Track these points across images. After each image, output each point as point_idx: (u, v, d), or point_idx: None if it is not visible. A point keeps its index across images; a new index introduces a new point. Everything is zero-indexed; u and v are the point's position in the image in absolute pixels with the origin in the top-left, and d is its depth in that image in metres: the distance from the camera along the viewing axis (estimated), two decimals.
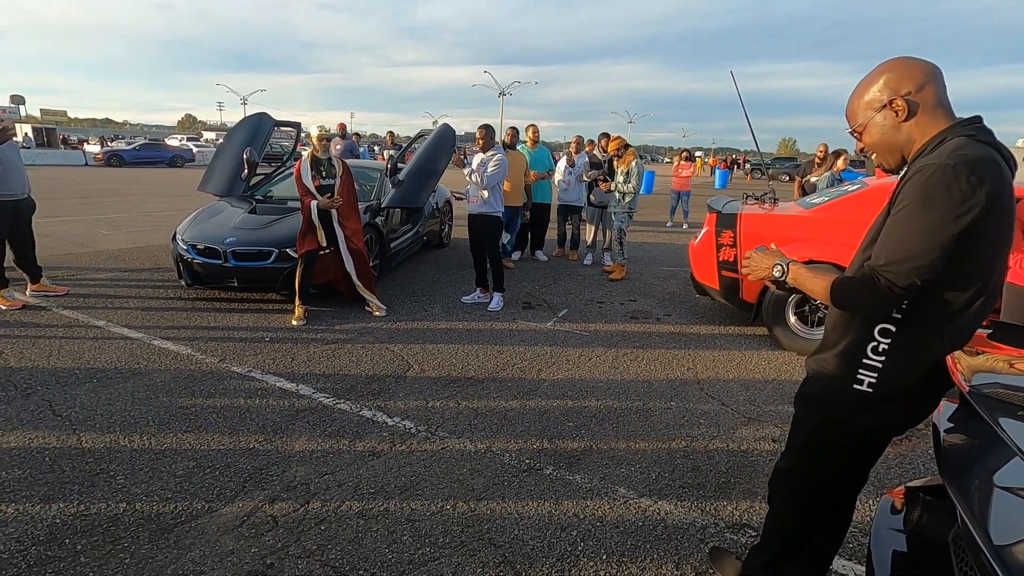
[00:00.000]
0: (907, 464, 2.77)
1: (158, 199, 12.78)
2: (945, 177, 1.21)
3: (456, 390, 3.41)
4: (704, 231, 4.83)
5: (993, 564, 0.99)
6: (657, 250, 8.58)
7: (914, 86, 1.33)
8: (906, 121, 1.34)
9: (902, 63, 1.36)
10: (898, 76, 1.34)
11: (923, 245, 1.23)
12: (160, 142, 32.09)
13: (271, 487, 2.39)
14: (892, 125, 1.36)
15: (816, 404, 1.53)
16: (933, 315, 1.32)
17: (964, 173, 1.19)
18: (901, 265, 1.25)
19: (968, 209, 1.20)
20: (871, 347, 1.38)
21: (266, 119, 6.37)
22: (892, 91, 1.34)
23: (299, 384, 3.39)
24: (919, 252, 1.23)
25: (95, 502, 2.23)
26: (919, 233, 1.24)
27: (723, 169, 27.30)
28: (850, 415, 1.44)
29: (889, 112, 1.35)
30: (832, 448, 1.54)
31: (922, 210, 1.24)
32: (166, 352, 3.78)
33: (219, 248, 4.72)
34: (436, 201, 7.62)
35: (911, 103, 1.33)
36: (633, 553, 2.09)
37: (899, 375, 1.37)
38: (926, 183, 1.23)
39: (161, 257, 6.47)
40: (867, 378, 1.39)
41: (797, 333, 4.29)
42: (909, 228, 1.25)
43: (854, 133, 1.45)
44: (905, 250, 1.25)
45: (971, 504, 1.13)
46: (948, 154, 1.23)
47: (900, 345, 1.35)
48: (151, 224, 9.00)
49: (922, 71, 1.33)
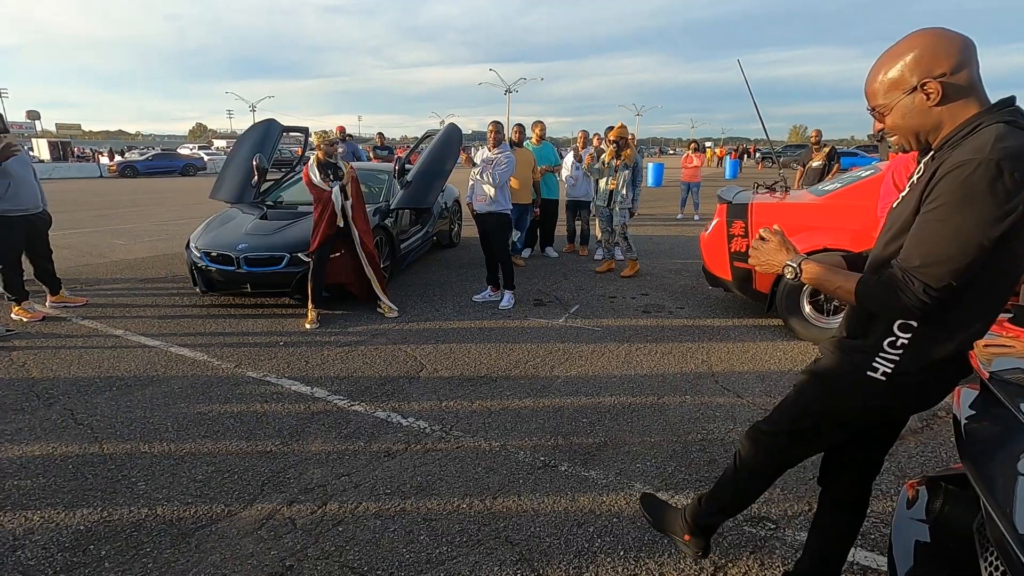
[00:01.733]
0: (929, 453, 2.73)
1: (171, 208, 12.96)
2: (988, 175, 1.11)
3: (469, 389, 3.42)
4: (715, 222, 4.78)
5: (1019, 553, 0.97)
6: (668, 243, 8.52)
7: (949, 66, 1.19)
8: (938, 106, 1.21)
9: (936, 38, 1.21)
10: (932, 55, 1.19)
11: (961, 247, 1.15)
12: (173, 151, 32.54)
13: (289, 490, 2.41)
14: (921, 109, 1.23)
15: (824, 383, 1.49)
16: (960, 311, 1.26)
17: (1008, 170, 1.10)
18: (938, 268, 1.17)
19: (1012, 210, 1.11)
20: (888, 342, 1.33)
21: (274, 125, 6.42)
22: (924, 72, 1.20)
23: (314, 387, 3.42)
24: (956, 255, 1.15)
25: (118, 508, 2.27)
26: (957, 235, 1.15)
27: (733, 159, 27.03)
28: (859, 401, 1.41)
29: (919, 95, 1.22)
30: (826, 426, 1.51)
31: (961, 210, 1.14)
32: (183, 359, 3.83)
33: (232, 255, 4.77)
34: (445, 201, 7.64)
35: (946, 86, 1.19)
36: (651, 548, 2.08)
37: (917, 366, 1.32)
38: (966, 181, 1.13)
39: (176, 265, 6.56)
40: (882, 367, 1.34)
41: (813, 323, 4.23)
42: (945, 229, 1.16)
43: (874, 112, 1.32)
44: (942, 252, 1.17)
45: (994, 492, 1.10)
46: (990, 147, 1.12)
47: (921, 340, 1.29)
48: (165, 233, 9.12)
49: (959, 48, 1.19)
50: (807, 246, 4.17)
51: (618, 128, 6.24)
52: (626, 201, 6.18)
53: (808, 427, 1.54)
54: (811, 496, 2.38)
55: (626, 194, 6.13)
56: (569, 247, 7.72)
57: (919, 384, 1.35)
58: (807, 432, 1.55)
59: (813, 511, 2.27)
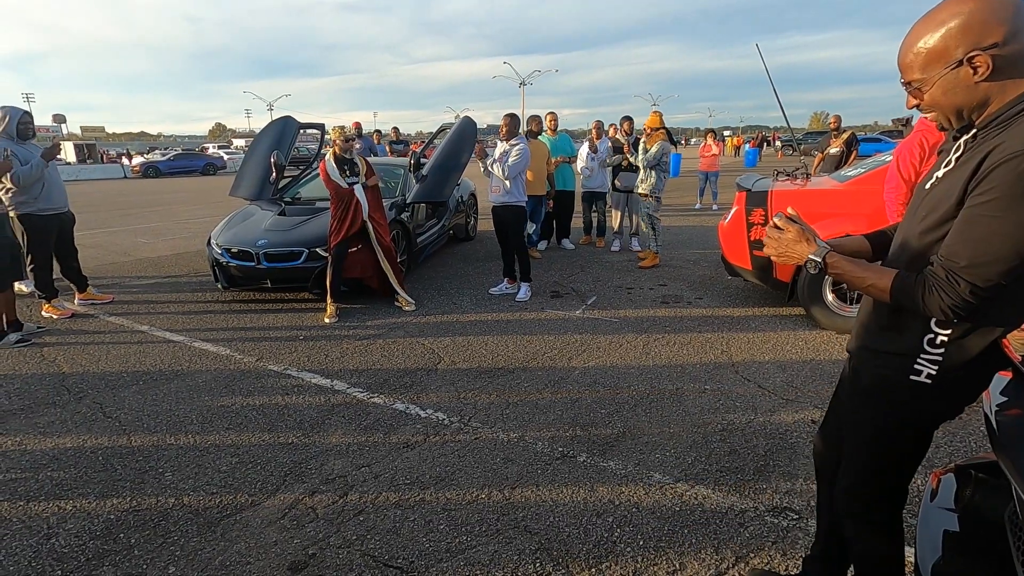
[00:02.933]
0: (957, 443, 2.66)
1: (193, 206, 13.20)
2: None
3: (487, 381, 3.43)
4: (734, 210, 4.71)
5: None
6: (686, 233, 8.42)
7: (1002, 35, 1.04)
8: (986, 81, 1.07)
9: (985, 1, 1.04)
10: (982, 22, 1.04)
11: (1015, 247, 1.05)
12: (193, 151, 33.10)
13: (311, 480, 2.44)
14: (967, 85, 1.09)
15: (875, 399, 1.39)
16: (1004, 306, 1.18)
17: None
18: (987, 268, 1.07)
19: None
20: (927, 339, 1.24)
21: (291, 122, 6.48)
22: (972, 43, 1.05)
23: (334, 380, 3.46)
24: (1010, 254, 1.05)
25: (146, 498, 2.33)
26: (1012, 233, 1.04)
27: (752, 147, 26.57)
28: (913, 406, 1.32)
29: (965, 69, 1.07)
30: (901, 442, 1.39)
31: (1017, 207, 1.03)
32: (206, 353, 3.90)
33: (252, 251, 4.84)
34: (461, 194, 7.65)
35: (997, 59, 1.05)
36: (671, 538, 2.07)
37: (960, 363, 1.24)
38: (1018, 174, 1.01)
39: (198, 262, 6.68)
40: (926, 369, 1.26)
41: (836, 311, 4.15)
42: (999, 227, 1.05)
43: (909, 87, 1.17)
44: (994, 251, 1.06)
45: None
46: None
47: (962, 335, 1.22)
48: (187, 231, 9.29)
49: (1013, 12, 1.04)
50: (829, 233, 4.06)
51: (653, 115, 6.28)
52: (647, 187, 6.13)
53: (889, 452, 1.41)
54: None
55: (654, 183, 6.09)
56: (586, 239, 7.68)
57: (965, 380, 1.27)
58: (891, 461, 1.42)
59: None
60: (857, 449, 1.50)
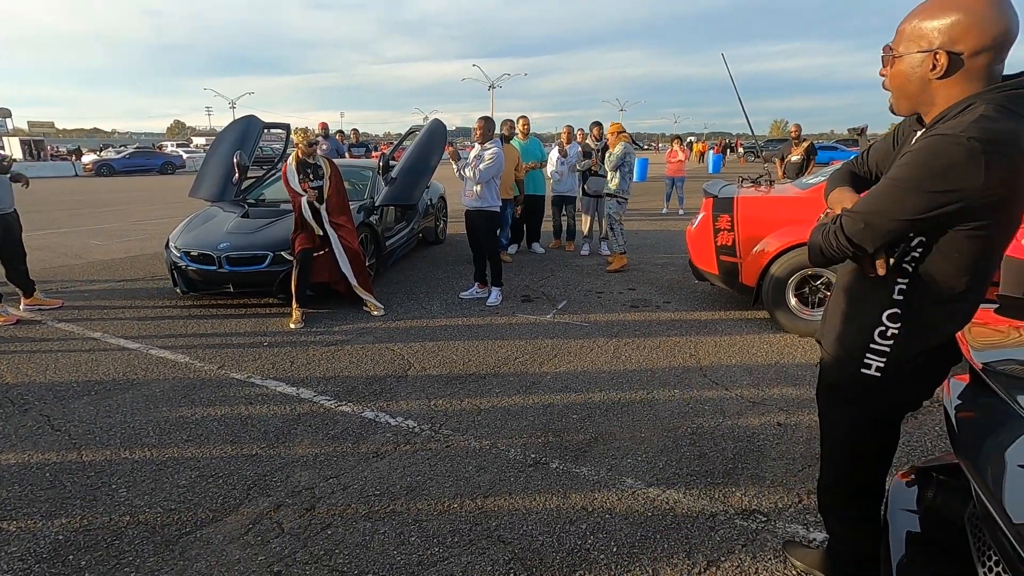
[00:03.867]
0: (915, 443, 2.76)
1: (150, 207, 12.71)
2: (952, 150, 1.09)
3: (458, 387, 3.39)
4: (701, 216, 4.79)
5: (1013, 542, 0.97)
6: (654, 237, 8.55)
7: (972, 47, 1.11)
8: (939, 79, 1.16)
9: (983, 10, 1.10)
10: (966, 27, 1.11)
11: (890, 207, 1.16)
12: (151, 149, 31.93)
13: (276, 493, 2.36)
14: (922, 76, 1.18)
15: (836, 396, 1.48)
16: (937, 298, 1.27)
17: (977, 150, 1.06)
18: (859, 216, 1.21)
19: (961, 188, 1.10)
20: (879, 332, 1.33)
21: (255, 122, 6.31)
22: (947, 40, 1.12)
23: (300, 388, 3.36)
24: (883, 211, 1.18)
25: (98, 516, 2.21)
26: (896, 196, 1.16)
27: (717, 153, 27.23)
28: (869, 400, 1.41)
29: (930, 60, 1.15)
30: (868, 436, 1.48)
31: (911, 174, 1.14)
32: (164, 361, 3.74)
33: (213, 254, 4.68)
34: (430, 197, 7.58)
35: (953, 63, 1.13)
36: (643, 544, 2.08)
37: (907, 357, 1.33)
38: (930, 148, 1.12)
39: (155, 266, 6.42)
40: (875, 362, 1.35)
41: (798, 315, 4.27)
42: (888, 188, 1.18)
43: (888, 53, 1.25)
44: (873, 205, 1.20)
45: (988, 482, 1.10)
46: (967, 125, 1.09)
47: (908, 328, 1.31)
48: (144, 233, 8.93)
49: (997, 32, 1.10)
50: (792, 239, 4.21)
51: (613, 125, 6.39)
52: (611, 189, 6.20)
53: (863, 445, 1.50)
54: (801, 488, 2.39)
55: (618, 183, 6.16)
56: (556, 243, 7.71)
57: (915, 374, 1.35)
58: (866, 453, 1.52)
59: (803, 503, 2.30)
60: (831, 447, 1.58)
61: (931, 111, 1.21)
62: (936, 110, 1.20)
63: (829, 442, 1.58)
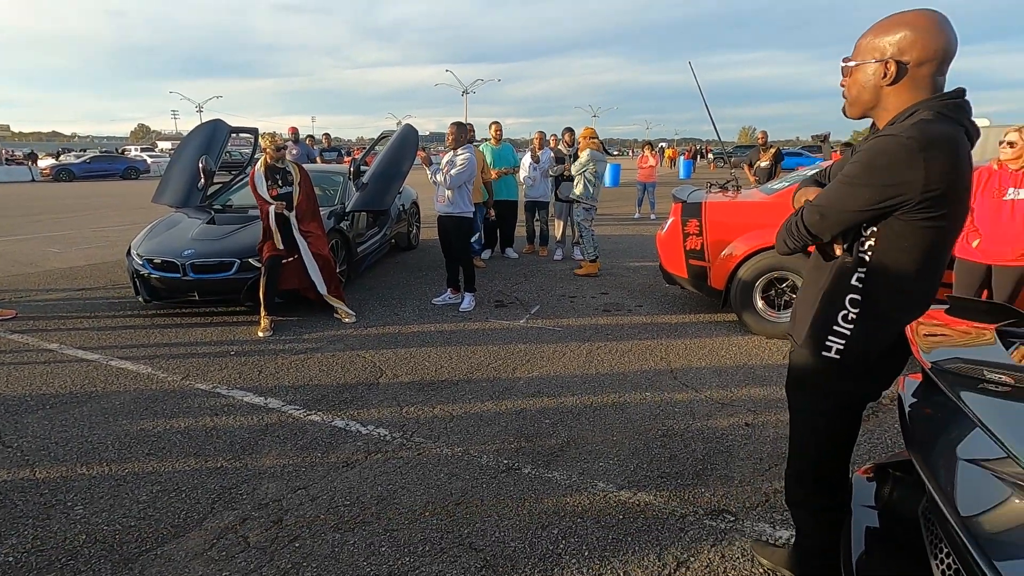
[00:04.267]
0: (875, 440, 2.85)
1: (112, 213, 12.31)
2: (894, 147, 1.23)
3: (430, 394, 3.36)
4: (670, 221, 4.87)
5: (960, 535, 1.01)
6: (626, 242, 8.65)
7: (916, 58, 1.26)
8: (888, 86, 1.31)
9: (927, 29, 1.25)
10: (912, 40, 1.26)
11: (843, 200, 1.32)
12: (114, 153, 30.98)
13: (241, 506, 2.30)
14: (874, 84, 1.33)
15: (800, 383, 1.57)
16: (891, 286, 1.37)
17: (915, 149, 1.20)
18: (817, 208, 1.37)
19: (902, 182, 1.23)
20: (841, 315, 1.43)
21: (221, 126, 6.19)
22: (896, 51, 1.27)
23: (267, 397, 3.29)
24: (836, 204, 1.33)
25: (52, 535, 2.12)
26: (847, 190, 1.31)
27: (687, 159, 27.75)
28: (830, 385, 1.49)
29: (880, 69, 1.30)
30: (832, 424, 1.56)
31: (861, 171, 1.29)
32: (125, 372, 3.62)
33: (177, 261, 4.56)
34: (402, 203, 7.53)
35: (901, 71, 1.28)
36: (615, 547, 2.09)
37: (865, 342, 1.42)
38: (876, 148, 1.27)
39: (116, 274, 6.22)
40: (835, 344, 1.44)
41: (765, 317, 4.36)
42: (842, 183, 1.33)
43: (846, 64, 1.39)
44: (828, 198, 1.36)
45: (938, 477, 1.15)
46: (909, 127, 1.23)
47: (866, 313, 1.40)
48: (105, 240, 8.65)
49: (938, 47, 1.26)
50: (759, 243, 4.31)
51: (584, 130, 6.48)
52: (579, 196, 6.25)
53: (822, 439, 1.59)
54: (768, 486, 2.44)
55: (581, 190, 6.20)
56: (529, 248, 7.74)
57: (872, 361, 1.44)
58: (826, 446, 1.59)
59: (770, 502, 2.34)
60: (798, 436, 1.66)
61: (883, 116, 1.36)
62: (887, 115, 1.34)
63: (796, 432, 1.66)
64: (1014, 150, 3.25)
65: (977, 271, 3.48)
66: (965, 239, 3.45)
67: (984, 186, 3.39)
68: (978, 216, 3.42)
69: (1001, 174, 3.35)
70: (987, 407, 1.07)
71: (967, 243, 3.45)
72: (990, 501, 1.04)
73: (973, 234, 3.43)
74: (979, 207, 3.41)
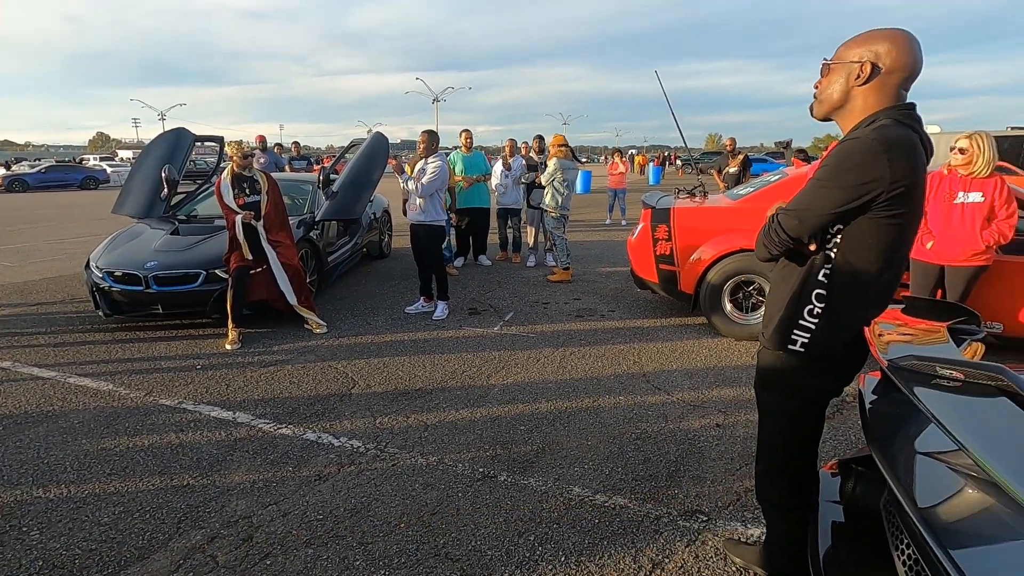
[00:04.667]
0: (840, 437, 2.93)
1: (70, 225, 11.87)
2: (860, 149, 1.33)
3: (404, 403, 3.33)
4: (640, 227, 4.95)
5: (918, 526, 1.05)
6: (598, 248, 8.74)
7: (890, 66, 1.37)
8: (859, 86, 1.40)
9: (904, 45, 1.37)
10: (888, 50, 1.37)
11: (817, 202, 1.39)
12: (71, 163, 29.92)
13: (209, 524, 2.24)
14: (847, 86, 1.42)
15: (767, 380, 1.62)
16: (854, 282, 1.44)
17: (878, 149, 1.30)
18: (792, 213, 1.44)
19: (871, 180, 1.32)
20: (807, 310, 1.49)
21: (185, 134, 6.03)
22: (873, 56, 1.38)
23: (236, 412, 3.21)
24: (811, 207, 1.41)
25: (4, 563, 2.02)
26: (820, 192, 1.39)
27: (656, 165, 28.22)
28: (795, 380, 1.54)
29: (856, 69, 1.40)
30: (797, 419, 1.61)
31: (831, 174, 1.38)
32: (84, 390, 3.49)
33: (139, 273, 4.42)
34: (374, 211, 7.46)
35: (874, 73, 1.38)
36: (591, 551, 2.10)
37: (829, 336, 1.48)
38: (842, 151, 1.37)
39: (75, 288, 5.99)
40: (800, 338, 1.50)
41: (733, 320, 4.46)
42: (814, 186, 1.42)
43: (826, 65, 1.49)
44: (803, 202, 1.44)
45: (896, 470, 1.19)
46: (871, 131, 1.34)
47: (830, 308, 1.47)
48: (63, 252, 8.33)
49: (908, 63, 1.38)
50: (726, 247, 4.41)
51: (554, 137, 6.50)
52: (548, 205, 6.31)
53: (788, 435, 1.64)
54: (739, 485, 2.49)
55: (549, 200, 6.26)
56: (502, 255, 7.75)
57: (834, 357, 1.50)
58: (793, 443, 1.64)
59: (742, 500, 2.39)
60: (766, 432, 1.71)
61: (846, 119, 1.46)
62: (851, 117, 1.45)
63: (764, 429, 1.71)
64: (964, 156, 3.42)
65: (931, 272, 3.63)
66: (920, 241, 3.59)
67: (936, 190, 3.54)
68: (931, 219, 3.57)
69: (952, 179, 3.51)
70: (939, 401, 1.11)
71: (921, 245, 3.60)
72: (946, 492, 1.08)
73: (927, 236, 3.58)
74: (932, 210, 3.56)
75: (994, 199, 3.40)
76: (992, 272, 3.57)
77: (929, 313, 1.67)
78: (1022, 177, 15.86)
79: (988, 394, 1.12)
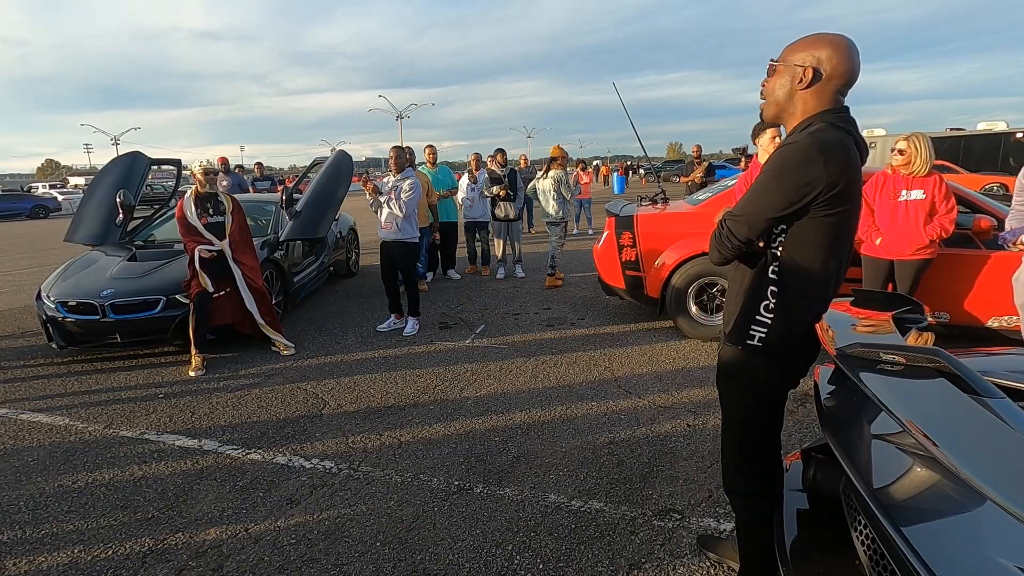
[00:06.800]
0: (805, 429, 3.02)
1: (17, 255, 11.37)
2: (797, 153, 1.41)
3: (377, 421, 3.29)
4: (606, 235, 5.04)
5: (871, 505, 1.10)
6: (565, 257, 8.82)
7: (829, 72, 1.45)
8: (802, 90, 1.48)
9: (843, 52, 1.45)
10: (829, 56, 1.44)
11: (762, 205, 1.47)
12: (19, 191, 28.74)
13: (177, 557, 2.16)
14: (790, 88, 1.50)
15: (727, 375, 1.68)
16: (800, 277, 1.52)
17: (814, 152, 1.39)
18: (740, 218, 1.51)
19: (810, 181, 1.40)
20: (763, 305, 1.56)
21: (140, 158, 5.89)
22: (815, 61, 1.45)
23: (202, 440, 3.12)
24: (757, 210, 1.48)
25: None
26: (764, 196, 1.47)
27: (620, 175, 28.74)
28: (753, 374, 1.60)
29: (799, 73, 1.47)
30: (757, 411, 1.66)
31: (772, 178, 1.45)
32: (38, 426, 3.34)
33: (95, 302, 4.27)
34: (340, 230, 7.39)
35: (816, 78, 1.45)
36: (568, 557, 2.11)
37: (783, 330, 1.54)
38: (781, 155, 1.45)
39: (25, 320, 5.74)
40: (758, 333, 1.57)
41: (699, 321, 4.57)
42: (757, 191, 1.49)
43: (772, 65, 1.55)
44: (748, 206, 1.51)
45: (850, 454, 1.24)
46: (806, 136, 1.43)
47: (782, 303, 1.54)
48: (11, 284, 7.97)
49: (848, 70, 1.45)
50: (687, 251, 4.52)
51: (553, 149, 6.89)
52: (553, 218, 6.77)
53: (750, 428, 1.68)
54: (711, 482, 2.54)
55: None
56: (471, 268, 7.76)
57: (789, 350, 1.56)
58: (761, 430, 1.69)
59: (714, 497, 2.44)
60: (729, 426, 1.76)
61: (789, 120, 1.55)
62: (793, 120, 1.53)
63: (728, 421, 1.76)
64: (904, 157, 3.61)
65: (882, 266, 3.80)
66: (870, 238, 3.76)
67: (881, 189, 3.73)
68: (878, 216, 3.75)
69: (895, 178, 3.70)
70: (883, 385, 1.17)
71: (871, 241, 3.77)
72: (896, 472, 1.14)
73: (876, 233, 3.75)
74: (879, 208, 3.74)
75: (934, 195, 3.59)
76: (937, 264, 3.76)
77: (876, 304, 1.75)
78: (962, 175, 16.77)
79: (928, 376, 1.18)
